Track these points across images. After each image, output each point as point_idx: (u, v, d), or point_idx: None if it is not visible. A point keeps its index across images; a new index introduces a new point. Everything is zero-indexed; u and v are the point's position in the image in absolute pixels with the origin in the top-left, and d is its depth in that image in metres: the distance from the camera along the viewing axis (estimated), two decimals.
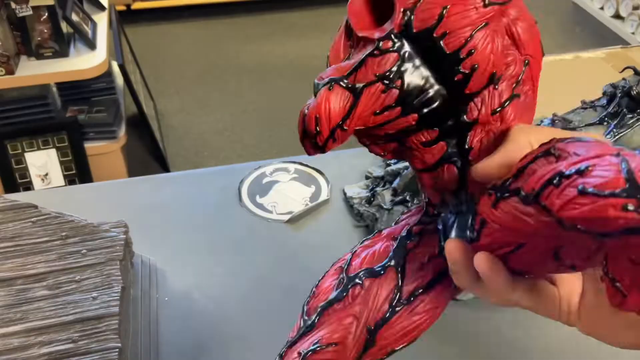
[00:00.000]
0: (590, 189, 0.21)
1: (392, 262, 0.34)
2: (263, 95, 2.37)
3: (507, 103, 0.31)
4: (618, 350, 0.55)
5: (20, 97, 1.64)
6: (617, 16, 2.11)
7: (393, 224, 0.37)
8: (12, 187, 1.65)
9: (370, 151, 0.35)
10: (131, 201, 0.72)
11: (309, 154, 0.32)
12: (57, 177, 1.69)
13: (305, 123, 0.31)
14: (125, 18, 2.62)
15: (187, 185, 0.75)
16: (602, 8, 2.22)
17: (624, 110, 0.57)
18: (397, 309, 0.33)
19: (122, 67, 1.69)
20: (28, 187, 1.67)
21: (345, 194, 0.72)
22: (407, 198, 0.63)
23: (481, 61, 0.29)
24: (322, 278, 0.36)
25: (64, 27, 1.58)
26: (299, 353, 0.33)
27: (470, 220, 0.31)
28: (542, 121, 0.60)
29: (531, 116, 0.33)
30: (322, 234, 0.68)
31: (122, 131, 1.77)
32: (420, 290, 0.34)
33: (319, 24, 2.89)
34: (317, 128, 0.30)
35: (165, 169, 1.97)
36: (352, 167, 0.77)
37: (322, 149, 0.31)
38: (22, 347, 0.44)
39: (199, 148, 2.09)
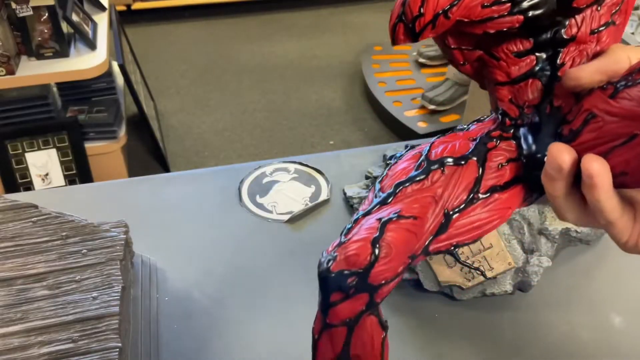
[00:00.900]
0: None
1: (474, 156, 0.34)
2: (263, 95, 2.37)
3: (604, 26, 0.31)
4: (618, 348, 0.55)
5: (20, 97, 1.64)
6: None
7: (458, 130, 0.37)
8: (12, 187, 1.65)
9: (450, 58, 0.35)
10: (131, 201, 0.72)
11: (397, 42, 0.31)
12: (57, 177, 1.69)
13: (406, 5, 0.30)
14: (125, 18, 2.62)
15: (187, 185, 0.75)
16: None
17: None
18: (474, 200, 0.33)
19: (122, 67, 1.69)
20: (28, 187, 1.67)
21: (345, 194, 0.72)
22: None
23: None
24: (394, 164, 0.36)
25: (65, 27, 1.58)
26: (378, 219, 0.32)
27: (556, 129, 0.31)
28: None
29: None
30: (322, 234, 0.68)
31: (122, 131, 1.77)
32: (498, 188, 0.34)
33: (319, 24, 2.89)
34: (422, 9, 0.30)
35: (165, 169, 1.97)
36: (352, 167, 0.77)
37: (416, 37, 0.30)
38: (22, 347, 0.44)
39: (199, 148, 2.09)
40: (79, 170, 1.69)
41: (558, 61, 0.32)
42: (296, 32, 2.82)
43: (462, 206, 0.33)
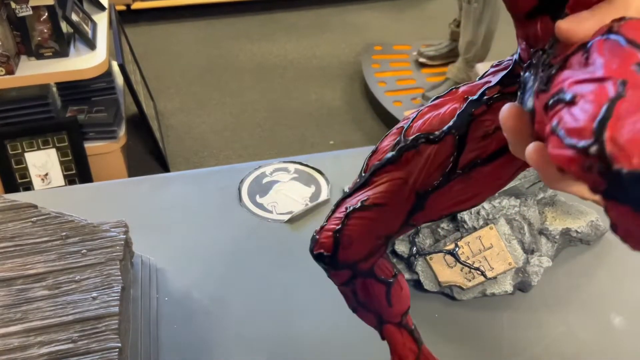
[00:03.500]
0: (559, 131, 0.17)
1: (453, 130, 0.31)
2: (263, 95, 2.37)
3: None
4: (617, 348, 0.55)
5: (20, 97, 1.64)
6: None
7: (477, 79, 0.33)
8: (12, 187, 1.65)
9: None
10: (131, 201, 0.72)
11: None
12: (57, 177, 1.69)
13: None
14: (125, 18, 2.62)
15: (187, 185, 0.75)
16: None
17: None
18: (451, 177, 0.31)
19: (122, 67, 1.69)
20: (28, 187, 1.67)
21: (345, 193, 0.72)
22: None
23: None
24: (384, 137, 0.35)
25: (64, 27, 1.58)
26: (346, 208, 0.34)
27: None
28: None
29: None
30: None
31: (122, 131, 1.77)
32: (479, 161, 0.30)
33: (319, 24, 2.89)
34: None
35: (165, 169, 1.97)
36: (352, 167, 0.77)
37: None
38: (22, 347, 0.44)
39: (199, 148, 2.09)
40: (78, 170, 1.69)
41: None
42: (296, 32, 2.82)
43: (435, 184, 0.31)
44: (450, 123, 0.31)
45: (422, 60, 2.42)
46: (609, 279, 0.62)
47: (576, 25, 0.22)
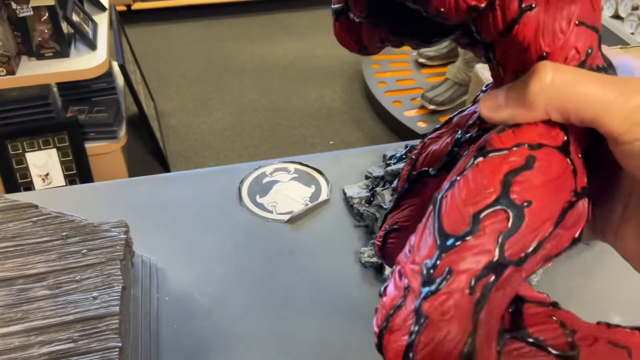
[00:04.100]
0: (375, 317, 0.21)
1: (445, 167, 0.35)
2: (263, 95, 2.37)
3: (517, 16, 0.22)
4: None
5: (21, 97, 1.64)
6: (616, 16, 2.11)
7: (470, 105, 0.35)
8: (12, 187, 1.65)
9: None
10: (131, 201, 0.72)
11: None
12: (57, 177, 1.69)
13: None
14: (125, 18, 2.62)
15: (187, 185, 0.75)
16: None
17: None
18: None
19: (122, 67, 1.69)
20: (29, 187, 1.67)
21: (345, 194, 0.72)
22: None
23: None
24: (405, 164, 0.40)
25: (65, 27, 1.58)
26: (385, 228, 0.38)
27: None
28: None
29: (587, 41, 0.23)
30: (322, 234, 0.68)
31: (122, 131, 1.77)
32: None
33: (319, 24, 2.89)
34: None
35: (165, 169, 1.97)
36: (352, 167, 0.77)
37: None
38: (23, 347, 0.44)
39: (199, 148, 2.09)
40: (79, 170, 1.69)
41: (491, 56, 0.25)
42: (296, 32, 2.82)
43: None
44: (444, 159, 0.35)
45: (421, 60, 2.42)
46: (609, 279, 0.62)
47: (494, 115, 0.24)
